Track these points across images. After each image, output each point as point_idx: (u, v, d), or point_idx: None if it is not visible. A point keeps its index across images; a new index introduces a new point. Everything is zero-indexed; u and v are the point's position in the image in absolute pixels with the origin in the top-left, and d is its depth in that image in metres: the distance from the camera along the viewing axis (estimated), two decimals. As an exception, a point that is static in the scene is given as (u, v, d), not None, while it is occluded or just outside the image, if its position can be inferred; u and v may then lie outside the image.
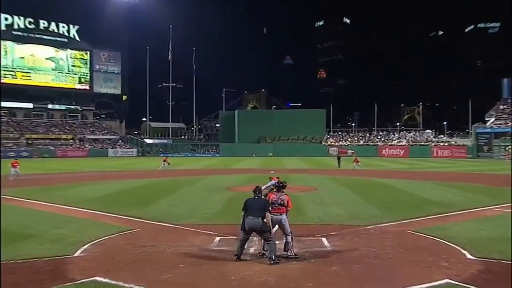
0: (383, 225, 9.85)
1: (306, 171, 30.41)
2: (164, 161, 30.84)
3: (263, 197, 7.38)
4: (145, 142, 73.42)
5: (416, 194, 15.07)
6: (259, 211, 7.13)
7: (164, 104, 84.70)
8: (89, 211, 11.42)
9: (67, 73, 61.67)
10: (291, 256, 7.13)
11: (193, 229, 9.36)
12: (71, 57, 62.90)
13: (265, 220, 7.11)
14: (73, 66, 63.46)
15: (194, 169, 34.04)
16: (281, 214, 7.42)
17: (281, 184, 7.77)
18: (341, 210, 12.08)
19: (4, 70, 53.39)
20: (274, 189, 7.79)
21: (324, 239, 8.50)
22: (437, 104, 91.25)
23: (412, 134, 69.77)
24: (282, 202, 7.49)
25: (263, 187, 8.25)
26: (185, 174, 27.07)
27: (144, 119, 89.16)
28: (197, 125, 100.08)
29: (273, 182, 10.21)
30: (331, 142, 71.90)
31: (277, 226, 7.47)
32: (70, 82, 63.21)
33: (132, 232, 8.99)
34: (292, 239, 7.33)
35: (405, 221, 10.23)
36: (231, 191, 15.60)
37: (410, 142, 65.35)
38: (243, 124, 78.09)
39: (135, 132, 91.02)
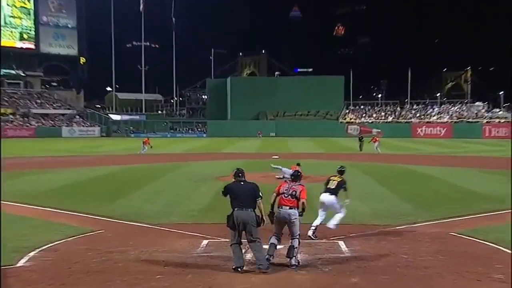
0: (417, 225, 9.87)
1: (318, 156, 30.53)
2: (144, 143, 31.30)
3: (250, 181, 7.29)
4: (111, 119, 71.99)
5: (461, 186, 15.30)
6: (249, 200, 7.12)
7: (135, 69, 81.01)
8: (38, 208, 11.19)
9: (3, 27, 57.19)
10: (294, 265, 7.11)
11: (174, 230, 9.34)
12: (8, 5, 56.56)
13: (256, 211, 7.12)
14: (11, 17, 57.27)
15: (174, 153, 33.90)
16: (290, 208, 7.45)
17: (298, 174, 7.89)
18: (364, 205, 12.27)
19: None
20: (289, 178, 8.00)
21: (341, 243, 8.47)
22: (491, 69, 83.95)
23: (457, 108, 68.56)
24: (294, 192, 7.54)
25: (276, 176, 7.38)
26: (163, 159, 27.39)
27: (109, 88, 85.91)
28: (178, 97, 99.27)
29: (290, 171, 10.23)
30: (351, 119, 71.44)
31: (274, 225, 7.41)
32: (8, 39, 57.05)
33: (95, 234, 8.82)
34: (299, 243, 7.33)
35: (447, 220, 10.26)
36: (221, 181, 15.60)
37: (454, 118, 64.35)
38: (238, 96, 77.71)
39: (97, 105, 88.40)
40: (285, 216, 7.40)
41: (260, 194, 7.24)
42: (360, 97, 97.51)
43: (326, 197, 9.08)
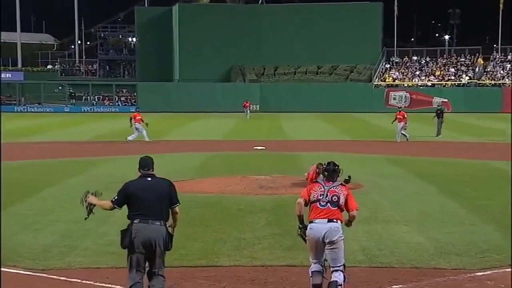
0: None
1: (335, 146, 31.75)
2: (137, 121, 34.30)
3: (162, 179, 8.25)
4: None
5: None
6: (159, 207, 7.92)
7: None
8: None
9: None
10: None
11: (75, 280, 9.67)
12: None
13: (169, 226, 7.99)
14: None
15: (80, 141, 35.65)
16: (330, 221, 8.33)
17: (335, 167, 8.66)
18: (419, 233, 12.72)
19: None
20: (321, 174, 8.94)
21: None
22: None
23: None
24: (334, 198, 8.41)
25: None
26: (59, 152, 29.13)
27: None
28: (84, 40, 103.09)
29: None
30: (395, 80, 73.44)
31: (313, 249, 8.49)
32: None
33: None
34: (345, 279, 8.33)
35: None
36: None
37: None
38: (192, 39, 79.31)
39: None
40: (321, 235, 8.23)
41: (177, 197, 8.10)
42: (412, 40, 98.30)
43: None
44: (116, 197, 7.98)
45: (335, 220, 8.26)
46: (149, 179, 8.01)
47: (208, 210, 14.69)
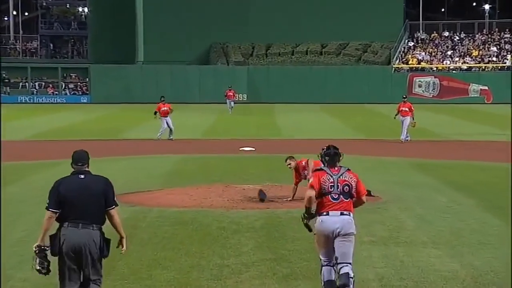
0: None
1: (345, 146, 31.09)
2: (163, 114, 36.42)
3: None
4: None
5: None
6: (93, 209, 8.48)
7: None
8: None
9: None
10: None
11: None
12: None
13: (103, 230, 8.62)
14: None
15: (8, 141, 34.54)
16: (343, 213, 9.32)
17: (336, 151, 9.64)
18: (451, 259, 12.71)
19: None
20: (323, 160, 9.78)
21: None
22: None
23: None
24: (346, 187, 9.38)
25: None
26: None
27: None
28: (21, 11, 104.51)
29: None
30: (420, 62, 75.26)
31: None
32: None
33: None
34: (353, 278, 9.33)
35: None
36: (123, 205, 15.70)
37: None
38: (161, 9, 79.21)
39: None
40: (334, 229, 9.15)
41: (114, 198, 8.64)
42: (443, 11, 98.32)
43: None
44: (48, 201, 8.41)
45: (347, 213, 9.19)
46: (82, 176, 8.52)
47: (182, 229, 14.66)
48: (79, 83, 78.73)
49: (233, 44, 77.86)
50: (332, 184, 9.22)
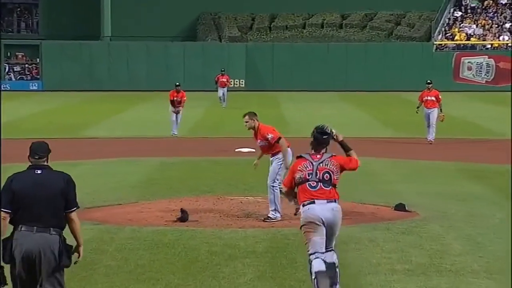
0: None
1: (372, 146, 32.46)
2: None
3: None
4: None
5: None
6: (50, 210, 8.93)
7: None
8: None
9: None
10: None
11: None
12: None
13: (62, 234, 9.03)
14: None
15: None
16: (329, 201, 10.98)
17: (323, 132, 11.21)
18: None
19: None
20: (310, 147, 11.26)
21: None
22: None
23: None
24: (326, 175, 10.96)
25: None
26: None
27: None
28: None
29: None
30: (469, 37, 76.03)
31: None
32: None
33: None
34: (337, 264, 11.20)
35: None
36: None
37: None
38: None
39: None
40: (326, 217, 10.83)
41: (76, 199, 9.14)
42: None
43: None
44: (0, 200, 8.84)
45: (334, 200, 10.81)
46: (39, 171, 8.96)
47: (160, 254, 14.68)
48: (27, 65, 78.44)
49: (227, 14, 77.80)
50: (311, 171, 10.70)
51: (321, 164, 10.64)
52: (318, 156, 10.75)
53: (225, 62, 65.49)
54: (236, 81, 66.42)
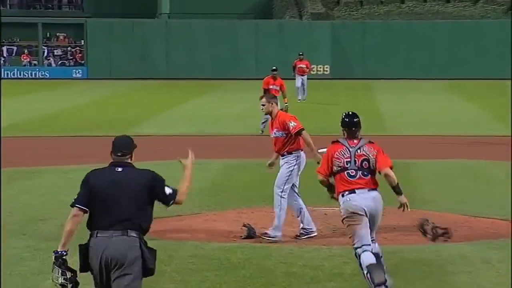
0: None
1: (492, 148, 32.07)
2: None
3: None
4: None
5: None
6: (133, 211, 9.39)
7: None
8: None
9: None
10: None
11: None
12: None
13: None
14: None
15: None
16: (371, 190, 11.91)
17: (355, 119, 12.05)
18: None
19: None
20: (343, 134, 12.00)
21: None
22: None
23: None
24: (365, 164, 11.73)
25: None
26: None
27: None
28: None
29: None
30: None
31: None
32: None
33: None
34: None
35: None
36: None
37: None
38: None
39: None
40: (368, 206, 11.51)
41: (170, 192, 9.61)
42: None
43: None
44: (76, 197, 9.26)
45: (375, 188, 11.71)
46: (119, 169, 9.38)
47: (229, 276, 14.78)
48: (69, 48, 79.26)
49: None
50: (349, 159, 11.33)
51: (358, 151, 11.33)
52: (355, 141, 11.40)
53: (306, 44, 65.59)
54: (319, 68, 66.55)
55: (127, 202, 9.15)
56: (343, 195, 11.26)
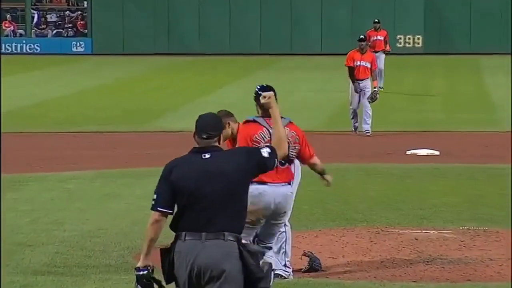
0: None
1: None
2: (361, 74, 41.40)
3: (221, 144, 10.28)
4: None
5: None
6: (227, 209, 9.73)
7: None
8: None
9: None
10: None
11: None
12: None
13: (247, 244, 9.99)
14: None
15: None
16: (283, 184, 12.94)
17: (264, 86, 12.45)
18: None
19: None
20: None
21: None
22: None
23: None
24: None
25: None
26: None
27: None
28: None
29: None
30: None
31: None
32: None
33: None
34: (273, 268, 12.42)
35: None
36: None
37: None
38: None
39: None
40: (275, 203, 12.64)
41: (269, 151, 10.05)
42: None
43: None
44: (155, 197, 9.55)
45: (286, 183, 12.57)
46: (207, 155, 9.61)
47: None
48: (68, 13, 79.82)
49: None
50: (269, 142, 11.24)
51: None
52: (270, 120, 11.42)
53: (388, 8, 65.88)
54: (408, 39, 66.80)
55: (221, 196, 9.36)
56: (258, 183, 11.76)
